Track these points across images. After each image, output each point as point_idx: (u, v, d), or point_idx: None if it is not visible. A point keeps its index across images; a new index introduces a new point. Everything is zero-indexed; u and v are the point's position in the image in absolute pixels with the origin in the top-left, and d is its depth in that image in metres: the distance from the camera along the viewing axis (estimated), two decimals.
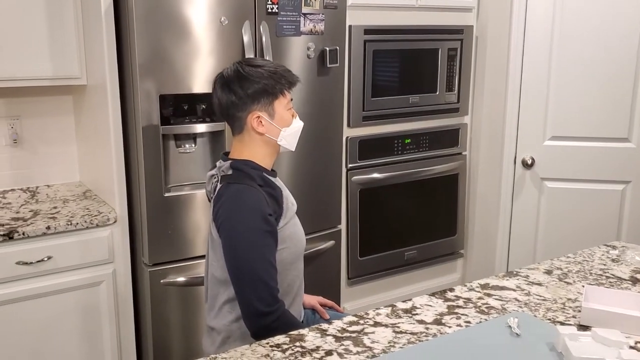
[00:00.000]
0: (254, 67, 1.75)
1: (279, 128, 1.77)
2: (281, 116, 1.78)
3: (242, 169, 1.75)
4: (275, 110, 1.76)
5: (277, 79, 1.75)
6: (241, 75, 1.74)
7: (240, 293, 1.68)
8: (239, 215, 1.68)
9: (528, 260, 3.32)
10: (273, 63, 1.81)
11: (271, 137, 1.78)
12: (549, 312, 1.63)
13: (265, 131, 1.76)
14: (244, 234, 1.67)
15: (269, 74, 1.74)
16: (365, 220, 3.11)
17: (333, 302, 2.11)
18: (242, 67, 1.75)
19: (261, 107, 1.74)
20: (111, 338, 2.49)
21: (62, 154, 2.83)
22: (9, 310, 2.26)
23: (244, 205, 1.69)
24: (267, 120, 1.76)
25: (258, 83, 1.73)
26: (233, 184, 1.72)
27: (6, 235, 2.20)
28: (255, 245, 1.67)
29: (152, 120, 2.29)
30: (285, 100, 1.78)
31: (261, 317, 1.65)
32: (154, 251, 2.39)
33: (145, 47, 2.22)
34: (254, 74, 1.73)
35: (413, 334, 1.50)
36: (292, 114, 1.82)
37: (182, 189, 2.44)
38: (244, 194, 1.70)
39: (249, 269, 1.66)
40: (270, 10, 2.44)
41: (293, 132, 1.82)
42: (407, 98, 3.14)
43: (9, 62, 2.38)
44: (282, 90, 1.76)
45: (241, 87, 1.73)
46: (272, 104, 1.75)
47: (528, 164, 3.25)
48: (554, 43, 3.11)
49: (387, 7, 2.98)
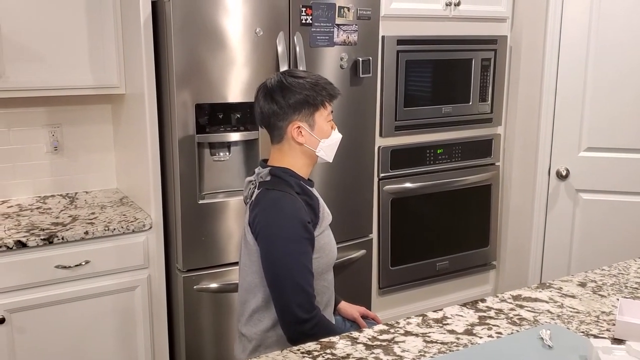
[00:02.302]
0: (296, 78, 1.78)
1: (318, 139, 1.80)
2: (321, 127, 1.80)
3: (280, 176, 1.78)
4: (316, 122, 1.79)
5: (318, 90, 1.77)
6: (284, 86, 1.77)
7: (278, 300, 1.70)
8: (278, 222, 1.70)
9: (562, 272, 3.27)
10: (315, 75, 1.84)
11: (310, 147, 1.80)
12: (582, 324, 1.61)
13: (305, 141, 1.79)
14: (283, 241, 1.69)
15: (311, 85, 1.77)
16: (397, 230, 3.11)
17: (375, 314, 2.12)
18: (285, 77, 1.79)
19: (302, 117, 1.77)
20: (145, 342, 2.54)
21: (101, 161, 2.90)
22: (48, 312, 2.32)
23: (282, 212, 1.71)
24: (307, 130, 1.78)
25: (300, 94, 1.76)
26: (271, 190, 1.75)
27: (46, 240, 2.27)
28: (294, 253, 1.69)
29: (188, 128, 2.34)
30: (325, 112, 1.80)
31: (299, 324, 1.67)
32: (188, 257, 2.44)
33: (182, 57, 2.28)
34: (296, 85, 1.76)
35: (444, 343, 1.50)
36: (332, 126, 1.84)
37: (216, 197, 2.48)
38: (282, 201, 1.73)
39: (288, 276, 1.68)
40: (304, 21, 2.48)
41: (331, 144, 1.84)
42: (440, 108, 3.14)
43: (51, 72, 2.47)
44: (322, 102, 1.79)
45: (283, 97, 1.76)
46: (312, 115, 1.78)
47: (563, 175, 3.21)
48: (590, 52, 3.07)
49: (420, 17, 2.99)
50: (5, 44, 2.36)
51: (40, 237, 2.26)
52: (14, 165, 2.73)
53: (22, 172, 2.75)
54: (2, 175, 2.70)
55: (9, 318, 2.25)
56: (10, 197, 2.73)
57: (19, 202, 2.70)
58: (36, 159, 2.77)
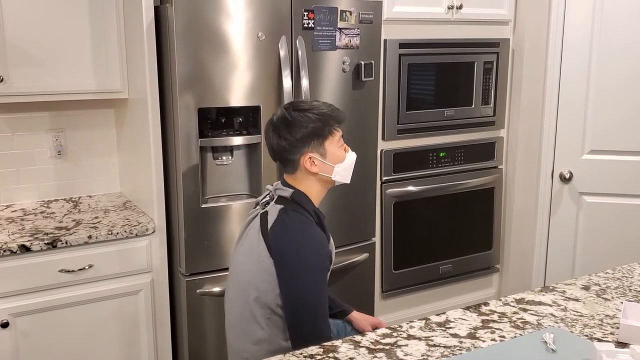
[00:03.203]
0: (300, 111, 1.79)
1: (332, 165, 1.81)
2: (333, 154, 1.81)
3: (300, 202, 1.79)
4: (327, 150, 1.80)
5: (324, 120, 1.78)
6: (288, 122, 1.79)
7: (298, 325, 1.74)
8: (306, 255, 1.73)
9: (566, 275, 3.27)
10: (319, 104, 1.84)
11: (325, 174, 1.82)
12: (585, 328, 1.61)
13: (319, 170, 1.81)
14: (312, 272, 1.73)
15: (316, 117, 1.78)
16: (400, 233, 3.11)
17: (387, 325, 2.11)
18: (289, 112, 1.80)
19: (312, 148, 1.79)
20: (148, 345, 2.54)
21: (104, 166, 2.91)
22: (52, 316, 2.33)
23: (312, 242, 1.75)
24: (320, 160, 1.80)
25: (306, 127, 1.77)
26: (295, 212, 1.77)
27: (50, 244, 2.28)
28: (319, 282, 1.74)
29: (191, 132, 2.35)
30: (335, 138, 1.81)
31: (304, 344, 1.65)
32: (191, 261, 2.44)
33: (184, 61, 2.28)
34: (300, 119, 1.78)
35: (447, 347, 1.50)
36: (345, 149, 1.85)
37: (218, 200, 2.48)
38: (310, 230, 1.76)
39: (312, 305, 1.73)
40: (306, 26, 2.48)
41: (347, 167, 1.85)
42: (443, 111, 3.14)
43: (55, 77, 2.48)
44: (330, 131, 1.80)
45: (290, 133, 1.78)
46: (322, 145, 1.79)
47: (566, 178, 3.20)
48: (593, 55, 3.07)
49: (422, 20, 3.00)
50: (9, 49, 2.37)
51: (44, 242, 2.27)
52: (18, 169, 2.74)
53: (26, 176, 2.75)
54: (6, 179, 2.71)
55: (12, 322, 2.26)
56: (14, 202, 2.74)
57: (23, 207, 2.71)
58: (40, 164, 2.78)
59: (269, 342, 1.78)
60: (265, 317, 1.77)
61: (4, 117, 2.67)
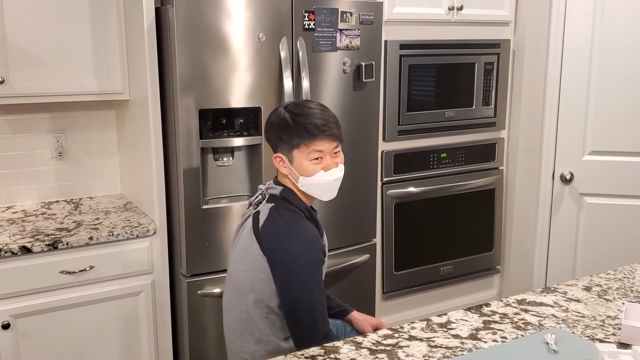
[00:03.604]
0: (289, 113, 1.78)
1: (297, 175, 1.79)
2: (300, 164, 1.77)
3: (290, 200, 1.80)
4: (294, 158, 1.78)
5: (296, 132, 1.75)
6: (269, 120, 1.84)
7: (296, 322, 1.74)
8: (297, 250, 1.73)
9: (567, 276, 3.26)
10: (311, 112, 1.78)
11: (293, 180, 1.81)
12: (587, 329, 1.60)
13: (287, 173, 1.81)
14: (306, 268, 1.73)
15: (293, 124, 1.75)
16: (401, 234, 3.11)
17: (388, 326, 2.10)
18: (277, 111, 1.83)
19: (282, 151, 1.80)
20: (149, 347, 2.54)
21: (105, 167, 2.91)
22: (53, 317, 2.33)
23: (301, 240, 1.74)
24: (287, 164, 1.80)
25: (277, 131, 1.79)
26: (286, 209, 1.78)
27: (51, 245, 2.27)
28: (313, 277, 1.74)
29: (192, 134, 2.35)
30: (307, 151, 1.75)
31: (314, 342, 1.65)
32: (192, 262, 2.44)
33: (185, 63, 2.28)
34: (278, 122, 1.80)
35: (448, 348, 1.50)
36: (325, 166, 1.77)
37: (219, 202, 2.48)
38: (301, 226, 1.76)
39: (308, 300, 1.73)
40: (307, 27, 2.48)
41: (316, 184, 1.78)
42: (443, 112, 3.13)
43: (55, 78, 2.48)
44: (298, 143, 1.75)
45: (267, 130, 1.84)
46: (291, 152, 1.78)
47: (567, 179, 3.20)
48: (594, 56, 3.07)
49: (423, 22, 3.00)
50: (10, 51, 2.38)
51: (45, 243, 2.26)
52: (19, 171, 2.74)
53: (27, 177, 2.75)
54: (7, 181, 2.71)
55: (13, 323, 2.26)
56: (15, 203, 2.74)
57: (24, 208, 2.71)
58: (41, 165, 2.78)
59: (267, 343, 1.78)
60: (262, 316, 1.77)
61: (5, 118, 2.67)
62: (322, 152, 1.77)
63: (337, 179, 1.81)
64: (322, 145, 1.76)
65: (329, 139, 1.76)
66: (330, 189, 1.82)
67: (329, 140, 1.77)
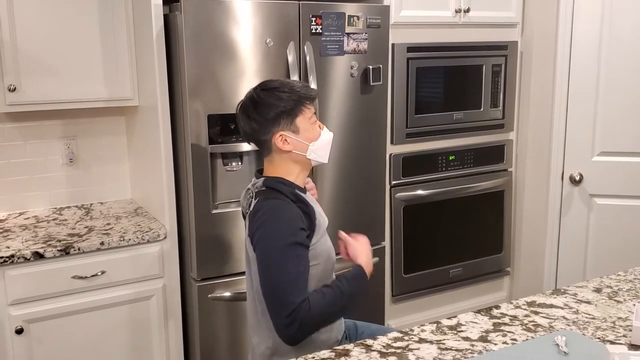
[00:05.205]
0: (267, 90, 1.78)
1: (307, 143, 1.79)
2: (306, 130, 1.79)
3: (274, 187, 1.78)
4: (299, 127, 1.78)
5: (293, 98, 1.76)
6: (256, 102, 1.78)
7: (268, 306, 1.70)
8: (272, 229, 1.70)
9: (577, 278, 3.25)
10: (288, 81, 1.83)
11: (299, 152, 1.80)
12: (598, 330, 1.60)
13: (292, 148, 1.79)
14: (275, 246, 1.68)
15: (286, 94, 1.76)
16: (410, 237, 3.11)
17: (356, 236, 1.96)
18: (256, 93, 1.79)
19: (283, 127, 1.77)
20: (160, 351, 2.56)
21: (115, 173, 2.93)
22: (65, 322, 2.35)
23: (279, 219, 1.71)
24: (293, 137, 1.78)
25: (276, 107, 1.75)
26: (269, 199, 1.75)
27: (63, 251, 2.30)
28: (284, 257, 1.67)
29: (201, 139, 2.36)
30: (307, 115, 1.79)
31: (284, 329, 1.65)
32: (202, 266, 2.45)
33: (194, 68, 2.30)
34: (268, 98, 1.76)
35: (458, 350, 1.50)
36: (319, 126, 1.83)
37: (228, 206, 2.49)
38: (279, 209, 1.73)
39: (274, 282, 1.66)
40: (314, 31, 2.50)
41: (322, 145, 1.82)
42: (451, 115, 3.14)
43: (66, 86, 2.50)
44: (300, 109, 1.77)
45: (258, 113, 1.77)
46: (293, 122, 1.77)
47: (576, 180, 3.19)
48: (602, 57, 3.06)
49: (430, 24, 3.00)
50: (21, 59, 2.41)
51: (57, 248, 2.29)
52: (31, 177, 2.77)
53: (38, 184, 2.78)
54: (19, 187, 2.74)
55: (27, 328, 2.28)
56: (27, 209, 2.77)
57: (36, 214, 2.74)
58: (52, 171, 2.81)
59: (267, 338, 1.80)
60: (264, 310, 1.77)
61: (16, 125, 2.70)
62: (315, 113, 1.83)
63: (332, 137, 1.87)
64: (312, 107, 1.81)
65: (313, 99, 1.82)
66: (329, 149, 1.86)
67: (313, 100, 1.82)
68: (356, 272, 1.78)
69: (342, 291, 1.71)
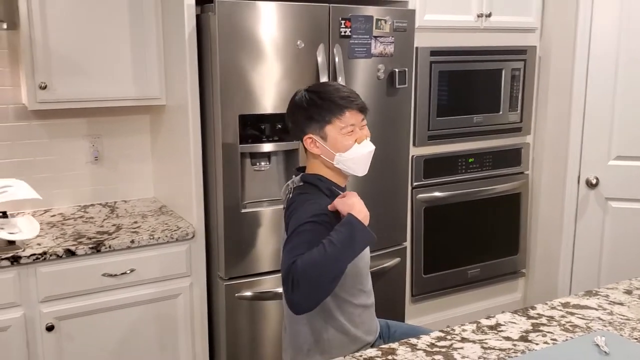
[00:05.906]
0: (310, 93, 1.83)
1: (333, 152, 1.81)
2: (335, 139, 1.80)
3: (311, 182, 1.83)
4: (328, 135, 1.80)
5: (326, 106, 1.79)
6: (295, 103, 1.85)
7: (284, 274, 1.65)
8: (298, 215, 1.72)
9: (592, 281, 3.29)
10: (333, 89, 1.83)
11: (327, 159, 1.82)
12: (634, 331, 1.63)
13: (320, 152, 1.83)
14: (293, 228, 1.69)
15: (321, 101, 1.79)
16: (430, 238, 3.15)
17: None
18: (302, 93, 1.85)
19: (313, 131, 1.81)
20: (186, 349, 2.58)
21: (138, 171, 2.95)
22: (95, 320, 2.37)
23: (307, 207, 1.73)
24: (321, 143, 1.81)
25: (306, 110, 1.81)
26: (304, 193, 1.80)
27: (94, 248, 2.32)
28: (295, 234, 1.67)
29: (231, 139, 2.39)
30: (339, 125, 1.79)
31: (286, 296, 1.61)
32: (230, 265, 2.48)
33: (226, 69, 2.33)
34: (305, 102, 1.81)
35: (502, 349, 1.53)
36: (358, 139, 1.81)
37: (257, 206, 2.52)
38: (310, 201, 1.76)
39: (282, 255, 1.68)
40: (343, 34, 2.52)
41: (352, 157, 1.81)
42: (471, 118, 3.17)
43: (95, 84, 2.52)
44: (331, 118, 1.79)
45: (293, 113, 1.86)
46: (322, 129, 1.80)
47: (592, 183, 3.23)
48: (620, 61, 3.10)
49: (452, 28, 3.04)
50: (53, 58, 2.42)
51: (88, 246, 2.31)
52: (55, 175, 2.78)
53: (64, 181, 2.80)
54: (44, 184, 2.75)
55: (57, 325, 2.30)
56: (52, 206, 2.79)
57: (61, 211, 2.75)
58: (77, 169, 2.82)
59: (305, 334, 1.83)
60: None
61: (43, 123, 2.72)
62: (354, 125, 1.81)
63: (370, 152, 1.85)
64: (352, 118, 1.80)
65: (357, 110, 1.81)
66: (365, 163, 1.85)
67: (357, 112, 1.81)
68: (345, 220, 1.67)
69: (331, 240, 1.61)
